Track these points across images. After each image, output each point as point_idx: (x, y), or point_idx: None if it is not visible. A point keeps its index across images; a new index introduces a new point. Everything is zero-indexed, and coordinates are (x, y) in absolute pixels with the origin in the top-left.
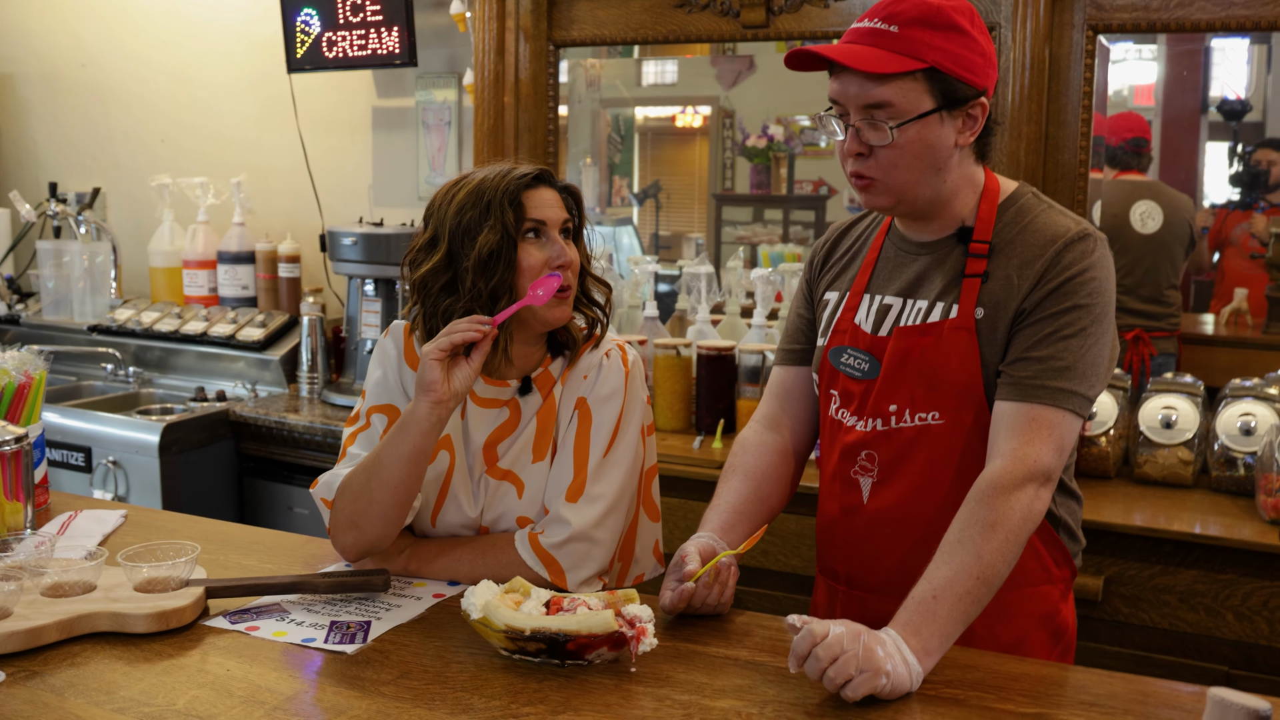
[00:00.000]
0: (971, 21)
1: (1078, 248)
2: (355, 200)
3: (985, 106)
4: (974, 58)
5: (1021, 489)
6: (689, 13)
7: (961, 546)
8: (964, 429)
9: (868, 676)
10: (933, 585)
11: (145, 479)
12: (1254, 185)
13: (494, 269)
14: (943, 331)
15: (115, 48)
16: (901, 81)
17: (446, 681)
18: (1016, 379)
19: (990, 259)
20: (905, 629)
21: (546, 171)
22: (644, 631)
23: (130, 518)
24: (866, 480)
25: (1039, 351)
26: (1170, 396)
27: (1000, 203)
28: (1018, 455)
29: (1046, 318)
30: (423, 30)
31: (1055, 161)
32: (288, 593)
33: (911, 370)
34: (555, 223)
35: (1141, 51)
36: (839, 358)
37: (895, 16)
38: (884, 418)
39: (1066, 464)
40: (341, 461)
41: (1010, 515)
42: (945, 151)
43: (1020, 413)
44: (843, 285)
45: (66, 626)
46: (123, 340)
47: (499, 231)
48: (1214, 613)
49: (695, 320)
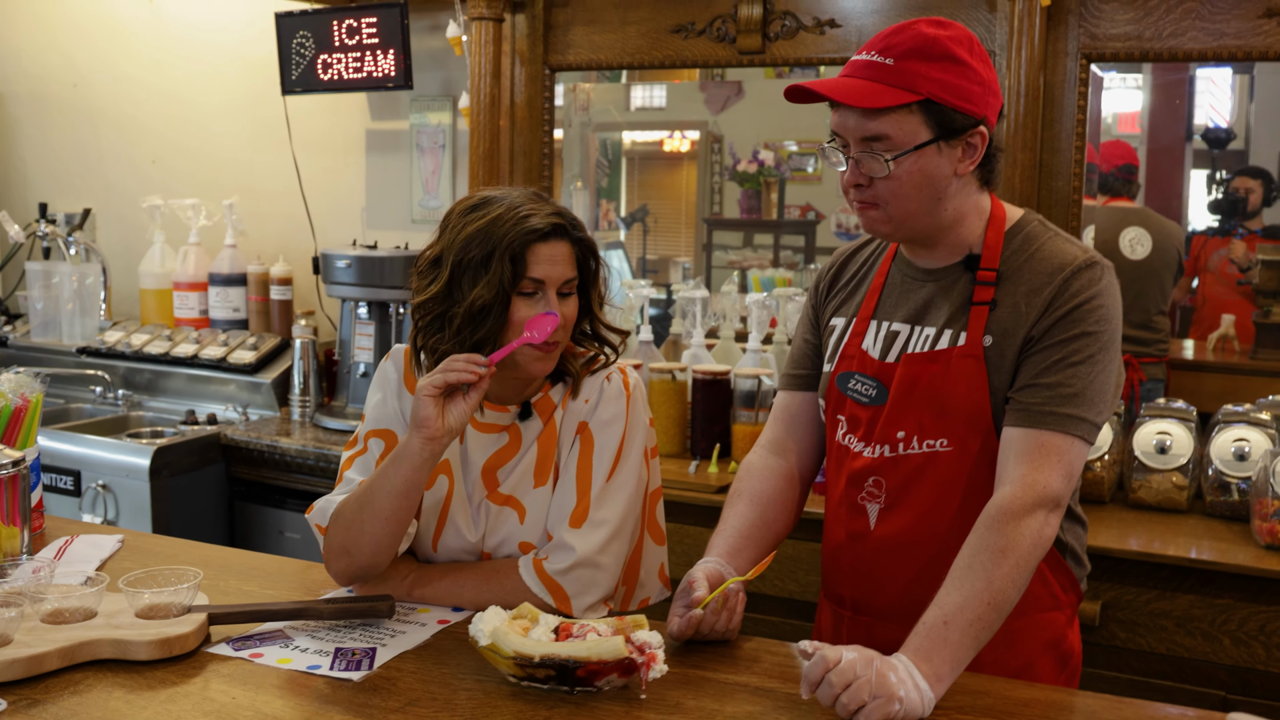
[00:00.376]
0: (970, 50)
1: (1085, 275)
2: (348, 223)
3: (985, 135)
4: (971, 87)
5: (1031, 515)
6: (685, 38)
7: (972, 572)
8: (972, 456)
9: (881, 703)
10: (944, 611)
11: (135, 503)
12: (1232, 212)
13: (483, 322)
14: (951, 359)
15: (107, 68)
16: (897, 114)
17: (455, 709)
18: (1025, 405)
19: (998, 286)
20: (917, 654)
21: (563, 224)
22: (654, 658)
23: (127, 543)
24: (874, 506)
25: (1047, 378)
26: (1164, 422)
27: (1007, 230)
28: (1027, 481)
29: (1055, 344)
30: (417, 53)
31: (1049, 188)
32: (291, 619)
33: (920, 397)
34: (555, 281)
35: (1126, 80)
36: (846, 383)
37: (891, 49)
38: (891, 444)
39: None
40: (338, 487)
41: (1020, 541)
42: (944, 181)
43: (1029, 439)
44: (849, 311)
45: (68, 654)
46: (112, 362)
47: (495, 287)
48: (1211, 637)
49: (690, 344)
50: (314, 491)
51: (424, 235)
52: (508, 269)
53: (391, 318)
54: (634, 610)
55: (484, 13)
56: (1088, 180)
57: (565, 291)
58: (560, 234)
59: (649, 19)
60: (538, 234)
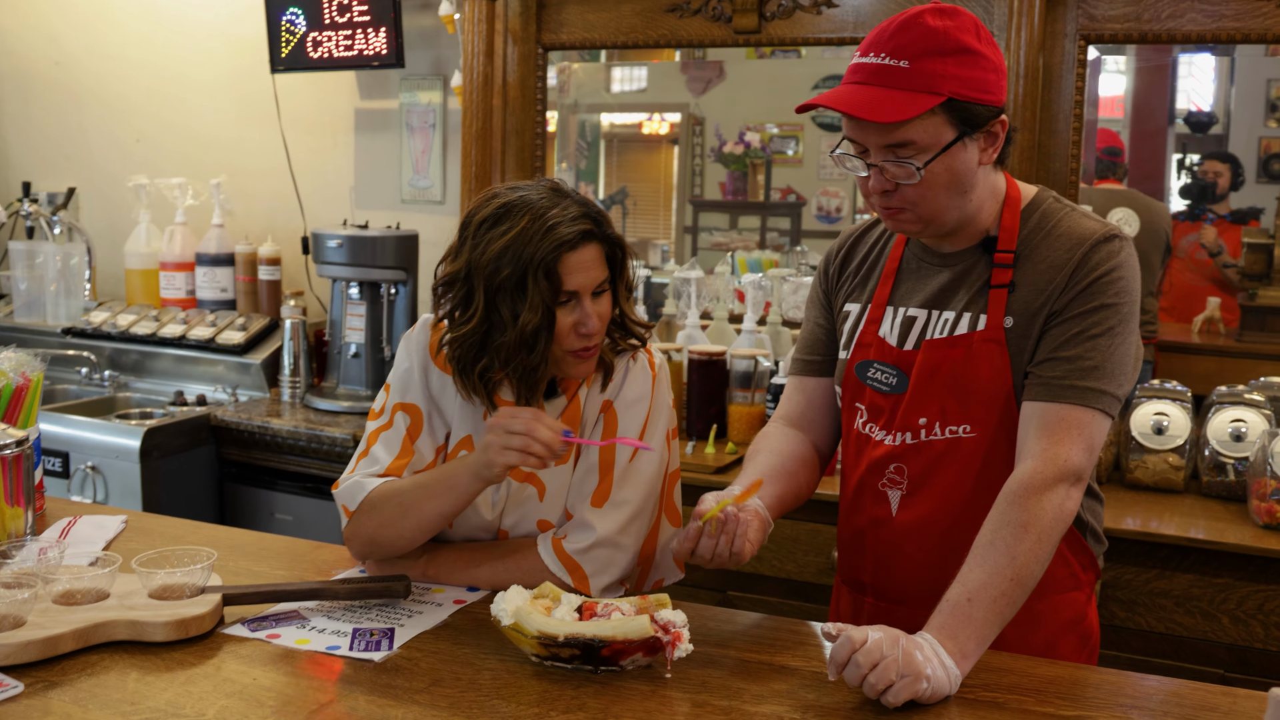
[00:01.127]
0: (979, 36)
1: (1104, 248)
2: (337, 202)
3: (1005, 121)
4: (987, 76)
5: (1053, 489)
6: (680, 17)
7: (994, 548)
8: (996, 441)
9: (909, 681)
10: (967, 588)
11: (125, 484)
12: (1202, 197)
13: (534, 345)
14: (972, 343)
15: (90, 45)
16: (921, 119)
17: (480, 689)
18: (1045, 379)
19: (1016, 268)
20: (941, 633)
21: (593, 228)
22: (679, 637)
23: (131, 523)
24: (895, 493)
25: (1067, 351)
26: (1161, 403)
27: (1023, 209)
28: (1048, 455)
29: (1075, 317)
30: (408, 31)
31: (1047, 170)
32: (306, 599)
33: (942, 383)
34: (589, 287)
35: (1107, 63)
36: (865, 372)
37: (903, 49)
38: (914, 431)
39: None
40: (362, 461)
41: (1042, 516)
42: (971, 174)
43: (1049, 413)
44: (863, 297)
45: (83, 635)
46: (98, 343)
47: (539, 310)
48: (1210, 616)
49: (685, 325)
50: (306, 474)
51: (414, 215)
52: (545, 286)
53: (383, 298)
54: (648, 590)
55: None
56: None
57: (599, 291)
58: (589, 238)
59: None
60: (568, 245)
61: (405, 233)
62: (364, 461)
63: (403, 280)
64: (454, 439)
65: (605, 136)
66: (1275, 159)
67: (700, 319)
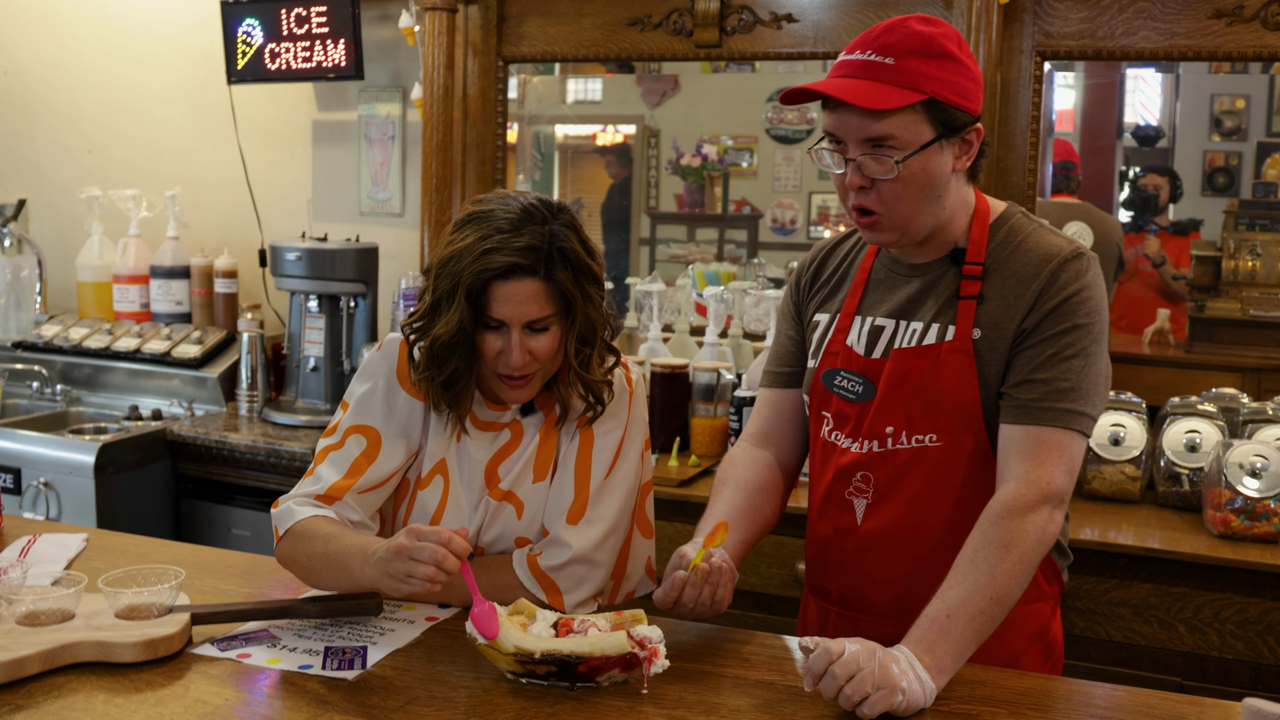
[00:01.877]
0: (960, 47)
1: (1073, 267)
2: (294, 215)
3: (980, 131)
4: (967, 84)
5: (1036, 511)
6: (641, 31)
7: (975, 566)
8: (961, 451)
9: (884, 694)
10: (946, 604)
11: (79, 500)
12: (1144, 209)
13: (448, 359)
14: (940, 353)
15: (38, 56)
16: (902, 114)
17: (456, 706)
18: (1023, 402)
19: (984, 280)
20: (919, 646)
21: (525, 264)
22: (656, 652)
23: (92, 542)
24: (861, 501)
25: (1043, 373)
26: (1118, 414)
27: (991, 223)
28: (1031, 478)
29: (1048, 339)
30: (367, 43)
31: (1004, 184)
32: (276, 618)
33: (909, 392)
34: (518, 321)
35: (1061, 78)
36: (832, 380)
37: (890, 48)
38: (880, 439)
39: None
40: (307, 480)
41: (1025, 537)
42: (944, 179)
43: (1030, 436)
44: (833, 307)
45: (49, 657)
46: (49, 357)
47: (454, 325)
48: (1167, 625)
49: (647, 338)
50: (265, 488)
51: (374, 227)
52: (466, 309)
53: (343, 311)
54: (620, 604)
55: (437, 3)
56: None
57: (538, 328)
58: (525, 272)
59: (604, 11)
60: (492, 274)
61: (365, 245)
62: (308, 480)
63: (362, 293)
64: (428, 462)
65: (560, 148)
66: (1219, 172)
67: (662, 331)
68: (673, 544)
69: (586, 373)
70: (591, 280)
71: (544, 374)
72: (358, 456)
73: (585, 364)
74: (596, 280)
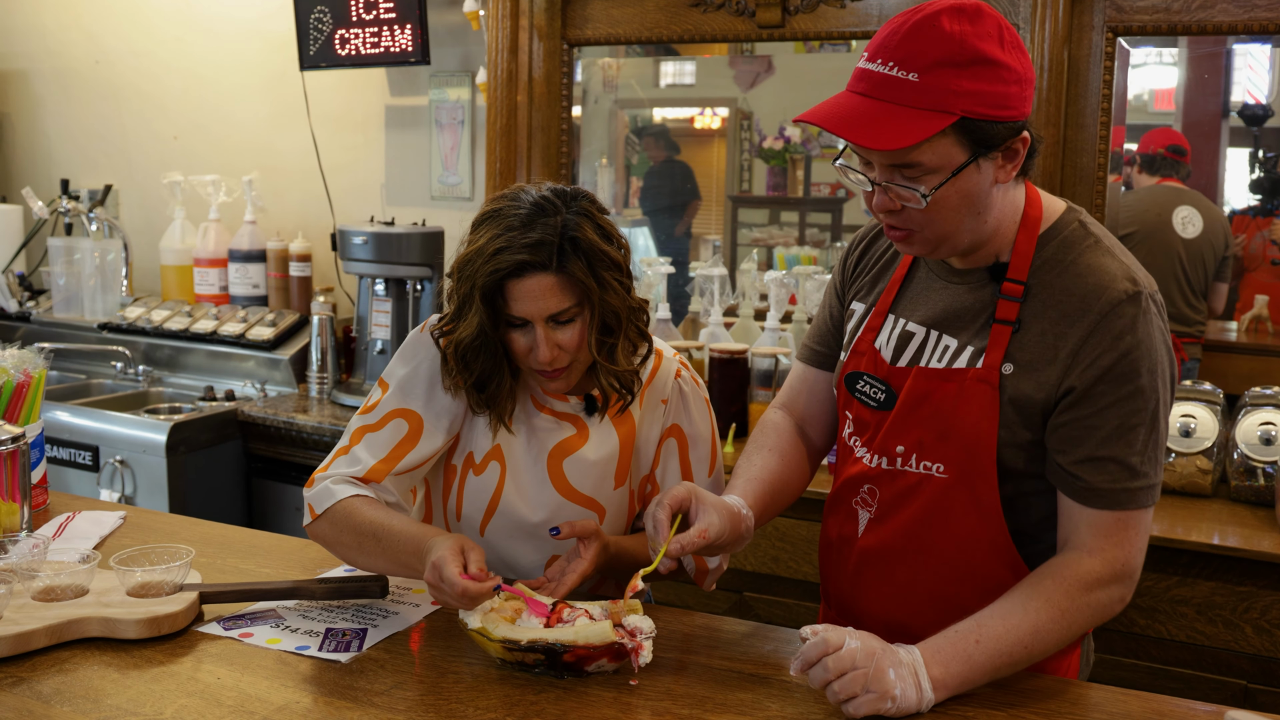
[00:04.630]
0: (1001, 42)
1: (1128, 312)
2: (368, 199)
3: (1027, 138)
4: (1008, 89)
5: (1107, 589)
6: (704, 12)
7: (1025, 612)
8: (968, 488)
9: (873, 699)
10: (980, 630)
11: (152, 478)
12: (1275, 191)
13: (474, 360)
14: (965, 380)
15: (128, 45)
16: (931, 142)
17: (441, 693)
18: (1094, 486)
19: (1025, 303)
20: (934, 655)
21: (534, 261)
22: (641, 646)
23: (129, 520)
24: (864, 514)
25: (1111, 451)
26: (1190, 405)
27: (1041, 233)
28: (1109, 557)
29: (1109, 407)
30: (436, 28)
31: (1074, 165)
32: (283, 598)
33: (925, 414)
34: (539, 316)
35: (1162, 55)
36: (854, 384)
37: (913, 59)
38: (890, 457)
39: None
40: (342, 459)
41: (1086, 610)
42: (984, 196)
43: (1107, 519)
44: (869, 299)
45: (56, 632)
46: (133, 338)
47: (474, 328)
48: (1232, 625)
49: (708, 323)
50: None
51: (443, 212)
52: (484, 310)
53: (409, 294)
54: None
55: None
56: (1131, 159)
57: (563, 320)
58: (537, 268)
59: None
60: (505, 273)
61: (430, 229)
62: (344, 460)
63: (428, 276)
64: (481, 448)
65: (654, 133)
66: None
67: (727, 316)
68: None
69: (611, 363)
70: (610, 267)
71: (580, 364)
72: (399, 441)
73: (610, 354)
74: (617, 266)
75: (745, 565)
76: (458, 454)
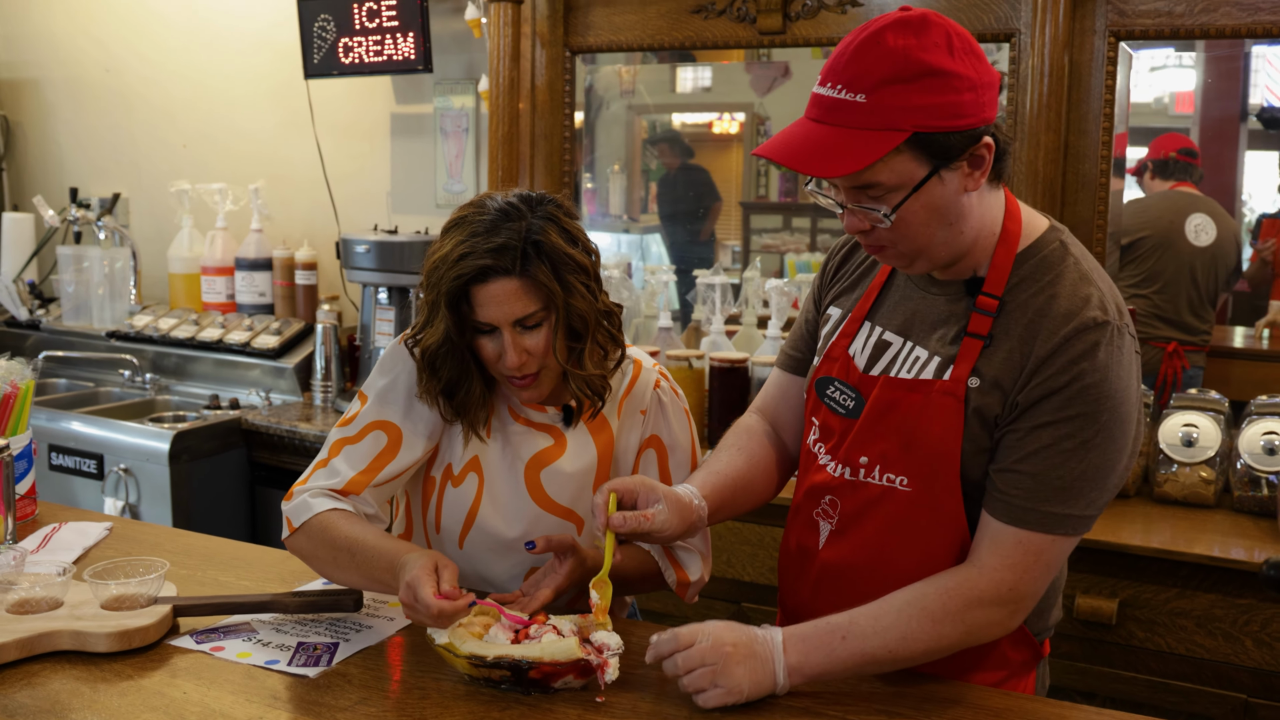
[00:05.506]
0: (950, 50)
1: (1089, 338)
2: (374, 207)
3: (990, 143)
4: (961, 98)
5: (987, 609)
6: (705, 19)
7: (898, 617)
8: (931, 501)
9: (721, 693)
10: (850, 627)
11: (156, 487)
12: None
13: (441, 366)
14: (931, 392)
15: (138, 54)
16: (886, 160)
17: (405, 709)
18: (1005, 497)
19: (997, 318)
20: (797, 643)
21: (502, 263)
22: (607, 663)
23: (115, 531)
24: (825, 526)
25: (1032, 465)
26: (1192, 414)
27: (1020, 251)
28: (998, 579)
29: (1044, 426)
30: (441, 36)
31: (1076, 171)
32: (257, 612)
33: (891, 425)
34: (506, 320)
35: (1182, 58)
36: (824, 389)
37: (860, 79)
38: (853, 467)
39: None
40: (319, 472)
41: (960, 627)
42: (955, 205)
43: (1008, 536)
44: (847, 304)
45: (27, 645)
46: (140, 346)
47: (440, 334)
48: (1232, 638)
49: (710, 331)
50: None
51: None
52: (449, 316)
53: (411, 302)
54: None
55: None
56: (1146, 166)
57: (529, 324)
58: (500, 272)
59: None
60: (468, 278)
61: (433, 238)
62: (322, 472)
63: None
64: (460, 459)
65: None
66: None
67: (730, 324)
68: (724, 540)
69: (579, 368)
70: (576, 271)
71: (551, 371)
72: (378, 453)
73: (578, 359)
74: (583, 270)
75: (744, 576)
76: (436, 465)
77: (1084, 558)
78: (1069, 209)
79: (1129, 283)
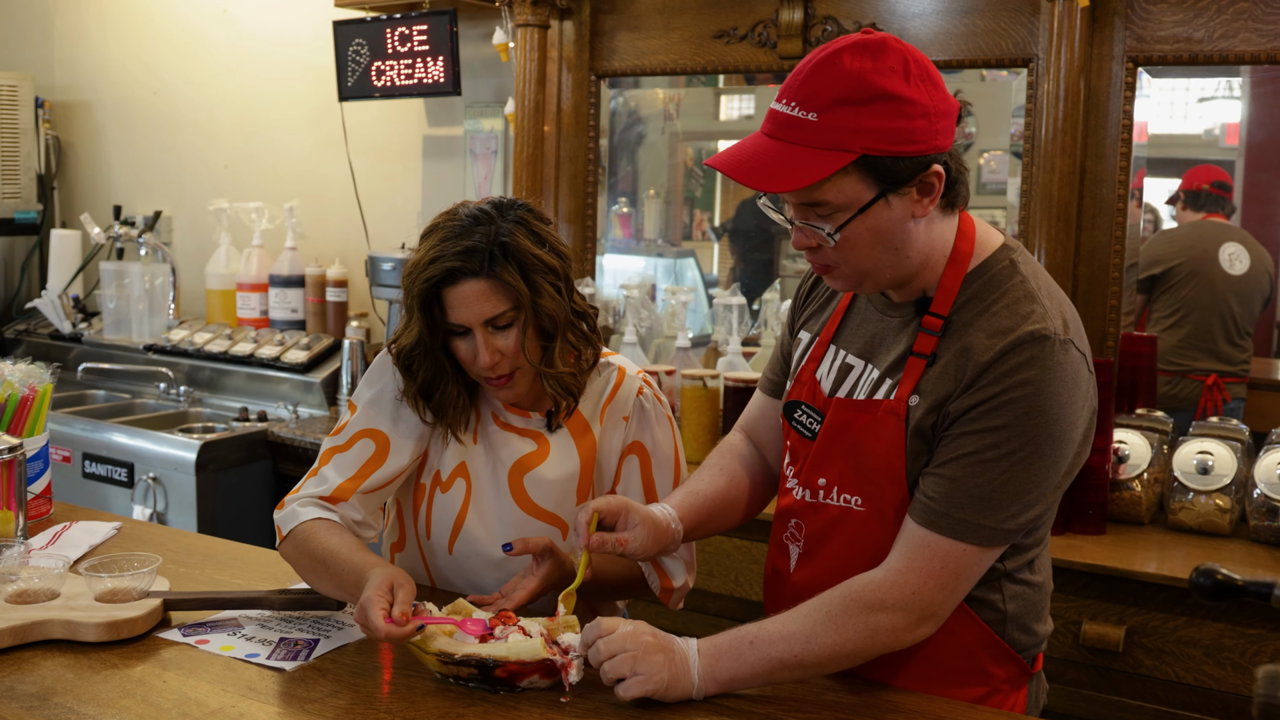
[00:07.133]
0: (906, 77)
1: (1025, 352)
2: (404, 226)
3: (940, 171)
4: (913, 124)
5: (886, 613)
6: (727, 44)
7: (804, 621)
8: (884, 519)
9: (640, 680)
10: (758, 632)
11: (183, 496)
12: None
13: (416, 369)
14: (878, 412)
15: (184, 77)
16: (833, 180)
17: (373, 703)
18: (922, 499)
19: (942, 338)
20: (710, 651)
21: (470, 265)
22: (571, 664)
23: (123, 530)
24: (794, 549)
25: (953, 470)
26: (1207, 441)
27: (970, 270)
28: (902, 582)
29: (971, 434)
30: (471, 60)
31: (1093, 196)
32: (244, 608)
33: (844, 447)
34: (476, 321)
35: (1232, 87)
36: (793, 413)
37: (813, 98)
38: (813, 490)
39: (1036, 546)
40: (310, 482)
41: (861, 630)
42: (902, 231)
43: (918, 538)
44: (815, 327)
45: (20, 632)
46: (176, 360)
47: (414, 336)
48: (1241, 669)
49: (727, 351)
50: None
51: None
52: (421, 318)
53: None
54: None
55: (529, 19)
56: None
57: (500, 324)
58: (468, 274)
59: (692, 24)
60: (434, 281)
61: None
62: (313, 481)
63: None
64: (448, 465)
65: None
66: None
67: (750, 345)
68: (732, 559)
69: (549, 368)
70: (544, 272)
71: (525, 371)
72: (365, 460)
73: (548, 359)
74: (552, 271)
75: (752, 595)
76: (426, 472)
77: (1091, 584)
78: (1085, 233)
79: (1163, 314)
